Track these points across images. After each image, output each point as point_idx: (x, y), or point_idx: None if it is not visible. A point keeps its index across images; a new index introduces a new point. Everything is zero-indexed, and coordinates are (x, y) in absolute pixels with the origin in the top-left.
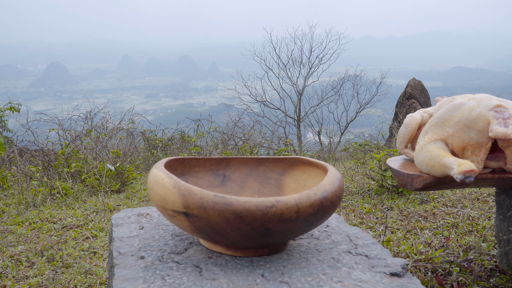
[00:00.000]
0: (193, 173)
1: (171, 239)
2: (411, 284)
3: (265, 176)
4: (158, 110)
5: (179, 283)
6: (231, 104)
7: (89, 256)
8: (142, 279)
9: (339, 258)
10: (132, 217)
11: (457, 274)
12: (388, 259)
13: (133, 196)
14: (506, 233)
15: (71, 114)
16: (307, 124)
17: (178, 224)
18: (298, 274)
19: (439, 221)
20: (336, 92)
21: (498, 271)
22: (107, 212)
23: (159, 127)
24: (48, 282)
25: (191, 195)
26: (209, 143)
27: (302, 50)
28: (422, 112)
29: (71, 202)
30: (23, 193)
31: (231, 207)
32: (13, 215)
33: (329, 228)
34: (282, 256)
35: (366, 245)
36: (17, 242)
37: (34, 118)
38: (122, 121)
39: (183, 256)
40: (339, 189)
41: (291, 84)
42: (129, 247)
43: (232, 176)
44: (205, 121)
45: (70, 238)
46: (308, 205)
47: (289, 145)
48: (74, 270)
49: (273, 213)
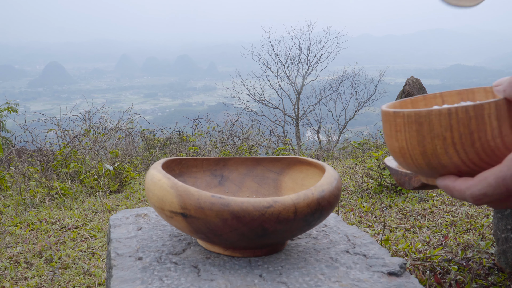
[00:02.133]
0: (190, 174)
1: (169, 240)
2: (409, 283)
3: (263, 176)
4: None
5: (177, 284)
6: (230, 103)
7: (88, 256)
8: (140, 280)
9: (337, 257)
10: (130, 218)
11: (455, 272)
12: (386, 258)
13: (132, 196)
14: (504, 231)
15: (69, 114)
16: (306, 123)
17: (176, 225)
18: (296, 274)
19: (438, 219)
20: (334, 90)
21: (496, 269)
22: (106, 213)
23: (158, 127)
24: (47, 283)
25: (189, 196)
26: (208, 142)
27: (301, 49)
28: None
29: (70, 202)
30: (22, 194)
31: (229, 208)
32: (11, 216)
33: (327, 227)
34: (280, 256)
35: (364, 245)
36: (15, 243)
37: (32, 118)
38: (120, 121)
39: (181, 256)
40: (336, 188)
41: (290, 83)
42: (127, 248)
43: (230, 176)
44: (203, 121)
45: (68, 238)
46: (306, 205)
47: (287, 144)
48: (72, 271)
49: (270, 213)
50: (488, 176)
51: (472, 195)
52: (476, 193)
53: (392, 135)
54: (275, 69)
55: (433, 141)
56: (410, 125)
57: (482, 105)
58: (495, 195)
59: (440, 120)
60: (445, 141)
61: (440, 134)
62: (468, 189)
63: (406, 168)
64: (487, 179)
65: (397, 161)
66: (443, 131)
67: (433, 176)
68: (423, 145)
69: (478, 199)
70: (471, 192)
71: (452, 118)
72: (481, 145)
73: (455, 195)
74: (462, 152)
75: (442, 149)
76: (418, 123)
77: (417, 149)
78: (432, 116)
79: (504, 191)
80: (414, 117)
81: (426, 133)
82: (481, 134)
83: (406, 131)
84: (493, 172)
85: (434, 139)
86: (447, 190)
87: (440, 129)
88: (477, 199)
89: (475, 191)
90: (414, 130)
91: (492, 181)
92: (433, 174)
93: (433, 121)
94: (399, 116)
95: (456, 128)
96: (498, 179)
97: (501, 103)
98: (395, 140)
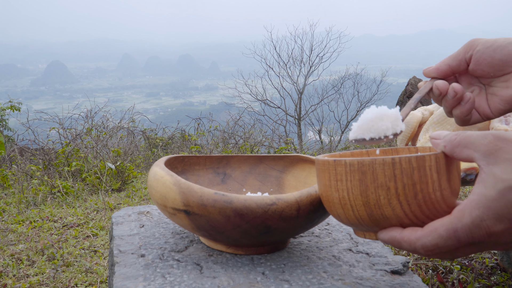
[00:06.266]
0: (193, 171)
1: (172, 237)
2: (412, 282)
3: (266, 174)
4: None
5: (180, 281)
6: (232, 102)
7: (90, 254)
8: (143, 277)
9: (340, 256)
10: (133, 215)
11: (458, 272)
12: (389, 257)
13: (134, 194)
14: None
15: (72, 113)
16: (308, 123)
17: (179, 222)
18: (299, 272)
19: None
20: (336, 90)
21: (499, 269)
22: (108, 211)
23: (160, 126)
24: (49, 280)
25: (191, 193)
26: (210, 141)
27: (303, 49)
28: (423, 110)
29: (72, 200)
30: (24, 192)
31: (231, 205)
32: (13, 213)
33: (329, 226)
34: (282, 254)
35: (367, 243)
36: (17, 241)
37: (34, 117)
38: (122, 120)
39: (184, 254)
40: None
41: (292, 83)
42: (130, 245)
43: (232, 174)
44: (205, 120)
45: (70, 236)
46: (309, 202)
47: (289, 143)
48: (74, 268)
49: (273, 211)
50: (439, 227)
51: (423, 246)
52: (427, 244)
53: (332, 185)
54: (277, 68)
55: (376, 191)
56: (353, 174)
57: (423, 156)
58: (446, 247)
59: (384, 170)
60: (389, 192)
61: (384, 184)
62: (418, 240)
63: (344, 221)
64: (437, 230)
65: (335, 213)
66: (387, 181)
67: (372, 230)
68: (366, 195)
69: (429, 250)
70: (422, 243)
71: (396, 168)
72: (423, 197)
73: (403, 246)
74: (405, 203)
75: (385, 200)
76: (361, 172)
77: (359, 199)
78: (376, 165)
79: (455, 242)
80: (357, 165)
81: (370, 182)
82: (423, 186)
83: (347, 180)
84: (443, 223)
85: (378, 189)
86: (394, 242)
87: (384, 178)
88: (428, 250)
89: (426, 242)
90: (357, 179)
91: (443, 232)
92: (373, 228)
93: (377, 170)
94: (340, 164)
95: (400, 178)
96: (449, 231)
97: (440, 156)
98: (334, 190)
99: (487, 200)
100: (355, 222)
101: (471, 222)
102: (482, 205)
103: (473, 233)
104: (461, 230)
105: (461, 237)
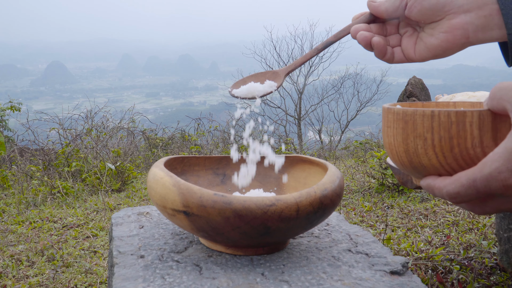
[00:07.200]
0: (193, 172)
1: (171, 238)
2: (411, 282)
3: (265, 175)
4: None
5: (179, 282)
6: (232, 102)
7: (90, 255)
8: (142, 278)
9: (339, 256)
10: (132, 216)
11: (457, 272)
12: (388, 257)
13: (134, 195)
14: (507, 231)
15: (72, 114)
16: (308, 123)
17: (178, 223)
18: (298, 273)
19: (440, 219)
20: (336, 90)
21: (498, 269)
22: (108, 211)
23: (160, 126)
24: (49, 281)
25: (191, 194)
26: (210, 142)
27: (303, 49)
28: None
29: (72, 201)
30: (24, 193)
31: (231, 206)
32: (13, 214)
33: (329, 226)
34: (282, 255)
35: (366, 243)
36: (17, 242)
37: (34, 117)
38: (122, 120)
39: (183, 255)
40: (339, 187)
41: (292, 83)
42: (129, 246)
43: (232, 175)
44: (205, 120)
45: (70, 237)
46: (308, 203)
47: (289, 143)
48: (74, 269)
49: (273, 212)
50: (462, 176)
51: (448, 193)
52: (450, 192)
53: (384, 130)
54: (277, 68)
55: (415, 140)
56: (398, 122)
57: (464, 112)
58: (467, 196)
59: (423, 121)
60: (426, 142)
61: (422, 134)
62: (445, 187)
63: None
64: (460, 179)
65: (389, 157)
66: (424, 132)
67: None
68: (407, 143)
69: (453, 197)
70: (447, 190)
71: (434, 120)
72: (459, 151)
73: (435, 193)
74: (441, 155)
75: (422, 149)
76: (404, 121)
77: (401, 147)
78: (416, 116)
79: (474, 192)
80: (401, 114)
81: (410, 131)
82: (461, 140)
83: (394, 127)
84: (467, 173)
85: (416, 138)
86: (429, 188)
87: (423, 129)
88: (452, 197)
89: (449, 190)
90: (400, 127)
91: (464, 181)
92: (416, 174)
93: (417, 121)
94: (391, 112)
95: (437, 131)
96: (469, 180)
97: (485, 113)
98: (386, 135)
99: (508, 153)
100: (401, 167)
101: (489, 173)
102: (503, 158)
103: (490, 184)
104: (480, 180)
105: (479, 187)
